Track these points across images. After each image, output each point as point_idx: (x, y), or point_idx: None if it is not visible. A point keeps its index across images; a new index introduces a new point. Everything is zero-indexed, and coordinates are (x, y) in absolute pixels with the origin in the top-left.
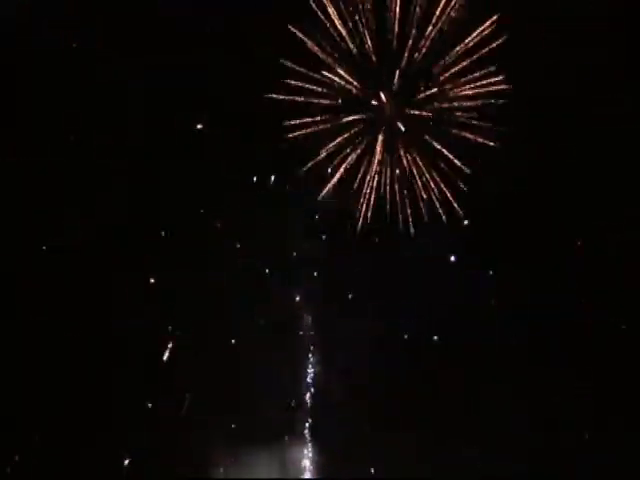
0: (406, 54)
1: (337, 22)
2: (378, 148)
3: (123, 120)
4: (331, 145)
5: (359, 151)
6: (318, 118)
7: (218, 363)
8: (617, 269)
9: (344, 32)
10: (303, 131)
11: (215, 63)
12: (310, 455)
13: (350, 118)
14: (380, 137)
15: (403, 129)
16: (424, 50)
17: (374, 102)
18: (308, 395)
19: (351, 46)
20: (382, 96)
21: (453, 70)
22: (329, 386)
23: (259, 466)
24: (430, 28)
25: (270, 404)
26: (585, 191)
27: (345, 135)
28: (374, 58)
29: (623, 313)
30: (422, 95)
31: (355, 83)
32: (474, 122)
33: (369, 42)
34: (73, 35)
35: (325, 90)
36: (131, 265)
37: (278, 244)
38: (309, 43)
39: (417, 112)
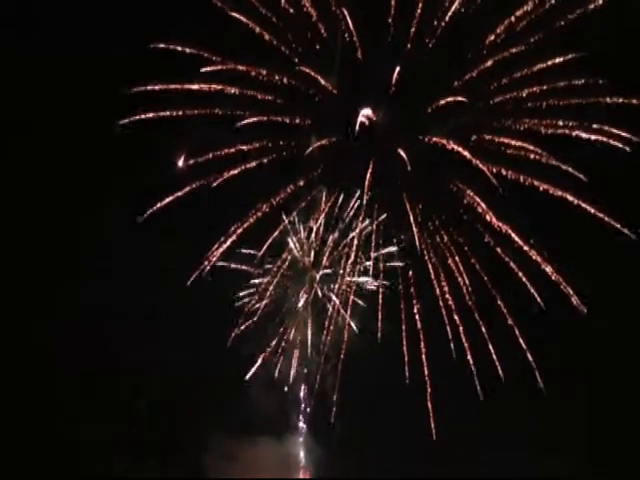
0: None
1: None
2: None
3: None
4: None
5: (319, 222)
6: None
7: None
8: None
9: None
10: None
11: None
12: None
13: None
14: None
15: (408, 166)
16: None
17: (362, 118)
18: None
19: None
20: (368, 112)
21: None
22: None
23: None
24: None
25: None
26: None
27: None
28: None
29: None
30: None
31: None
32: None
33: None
34: None
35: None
36: None
37: None
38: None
39: (448, 143)
